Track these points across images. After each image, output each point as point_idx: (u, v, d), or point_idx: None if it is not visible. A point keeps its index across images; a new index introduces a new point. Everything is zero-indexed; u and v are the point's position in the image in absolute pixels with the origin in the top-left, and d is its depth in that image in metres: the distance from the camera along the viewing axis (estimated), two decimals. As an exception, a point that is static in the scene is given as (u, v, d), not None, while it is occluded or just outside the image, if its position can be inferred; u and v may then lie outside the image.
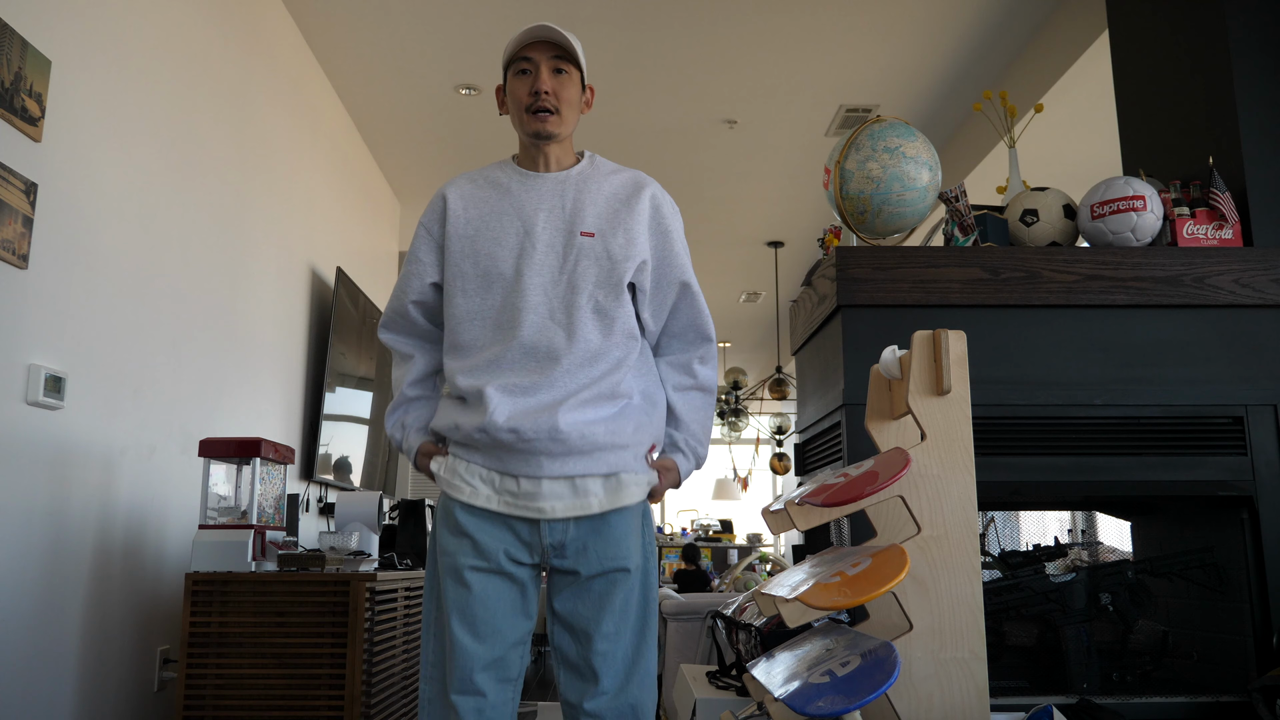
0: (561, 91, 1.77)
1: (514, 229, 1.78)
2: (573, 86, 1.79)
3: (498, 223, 1.79)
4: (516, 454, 1.70)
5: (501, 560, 1.70)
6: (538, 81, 1.76)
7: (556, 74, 1.77)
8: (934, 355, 1.65)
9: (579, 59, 1.80)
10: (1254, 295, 2.36)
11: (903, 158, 2.37)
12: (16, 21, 2.34)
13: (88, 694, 2.63)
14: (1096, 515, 3.75)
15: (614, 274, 1.76)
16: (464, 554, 1.71)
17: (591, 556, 1.71)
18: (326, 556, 2.77)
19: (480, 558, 1.70)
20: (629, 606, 1.72)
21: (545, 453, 1.68)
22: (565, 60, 1.78)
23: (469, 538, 1.71)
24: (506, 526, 1.71)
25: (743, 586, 5.01)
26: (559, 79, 1.77)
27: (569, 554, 1.71)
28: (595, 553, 1.71)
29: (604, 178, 1.82)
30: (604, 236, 1.76)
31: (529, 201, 1.79)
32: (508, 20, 4.22)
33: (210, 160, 3.43)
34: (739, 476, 11.24)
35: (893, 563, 1.41)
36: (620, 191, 1.81)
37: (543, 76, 1.76)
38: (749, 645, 2.32)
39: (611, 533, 1.72)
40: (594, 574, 1.70)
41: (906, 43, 4.41)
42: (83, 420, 2.62)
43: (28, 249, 2.37)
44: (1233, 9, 2.62)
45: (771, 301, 8.77)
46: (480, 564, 1.70)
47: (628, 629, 1.71)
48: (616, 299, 1.76)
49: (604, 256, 1.76)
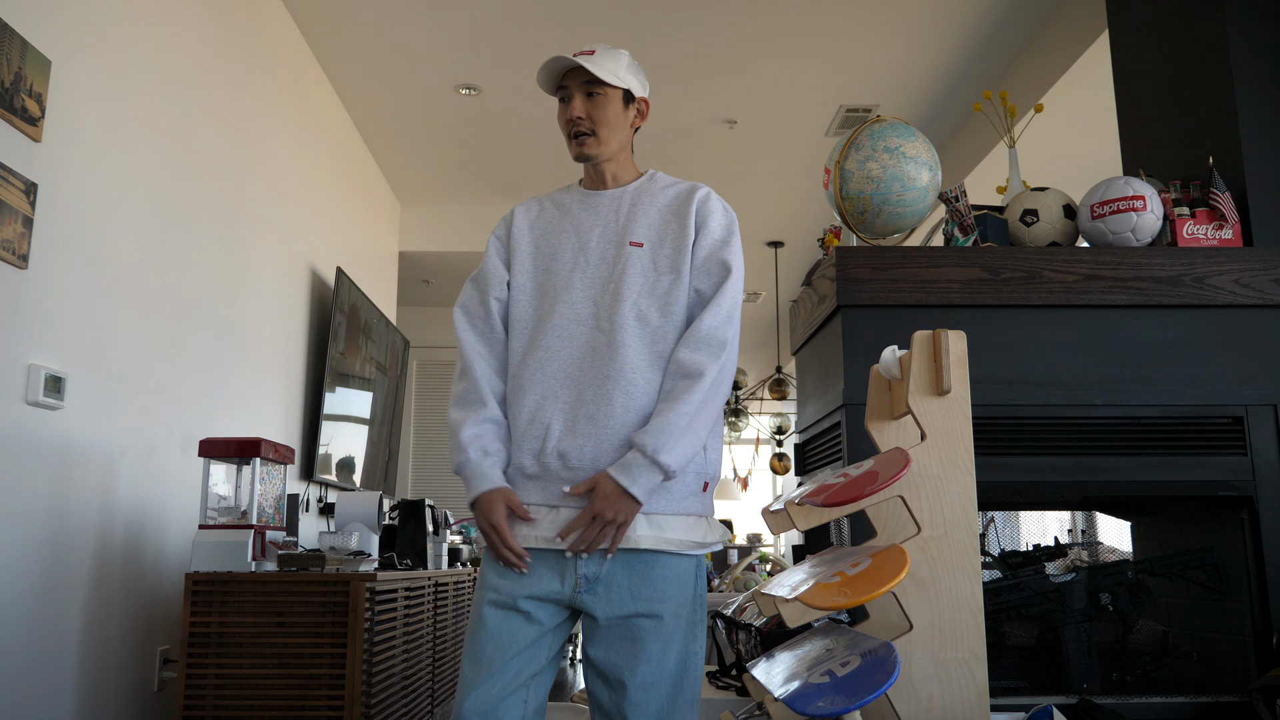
0: (596, 113, 1.80)
1: (570, 245, 1.81)
2: (609, 106, 1.80)
3: (556, 239, 1.83)
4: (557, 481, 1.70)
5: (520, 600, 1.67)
6: (571, 109, 1.80)
7: (589, 97, 1.80)
8: (934, 355, 1.65)
9: (612, 79, 1.79)
10: (1254, 295, 2.36)
11: (903, 158, 2.37)
12: (16, 21, 2.34)
13: (88, 694, 2.63)
14: (1096, 515, 3.75)
15: (659, 284, 1.75)
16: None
17: (624, 596, 1.66)
18: (326, 556, 2.77)
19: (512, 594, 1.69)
20: (666, 657, 1.66)
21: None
22: (597, 83, 1.79)
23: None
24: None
25: (743, 586, 5.01)
26: (592, 102, 1.80)
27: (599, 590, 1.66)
28: (630, 592, 1.66)
29: (659, 191, 1.84)
30: (653, 247, 1.78)
31: (586, 219, 1.83)
32: (508, 20, 4.22)
33: (210, 160, 3.43)
34: (739, 476, 11.24)
35: (893, 563, 1.41)
36: (673, 202, 1.82)
37: (575, 104, 1.80)
38: (749, 645, 2.32)
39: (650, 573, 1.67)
40: (626, 615, 1.65)
41: (906, 43, 4.42)
42: (83, 420, 2.62)
43: (28, 249, 2.37)
44: (1233, 9, 2.62)
45: (771, 301, 8.77)
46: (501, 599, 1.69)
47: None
48: (662, 311, 1.74)
49: (650, 268, 1.76)
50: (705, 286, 1.76)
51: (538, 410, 1.72)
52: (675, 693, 1.66)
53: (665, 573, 1.67)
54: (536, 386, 1.73)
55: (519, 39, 4.36)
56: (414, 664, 3.29)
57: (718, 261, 1.76)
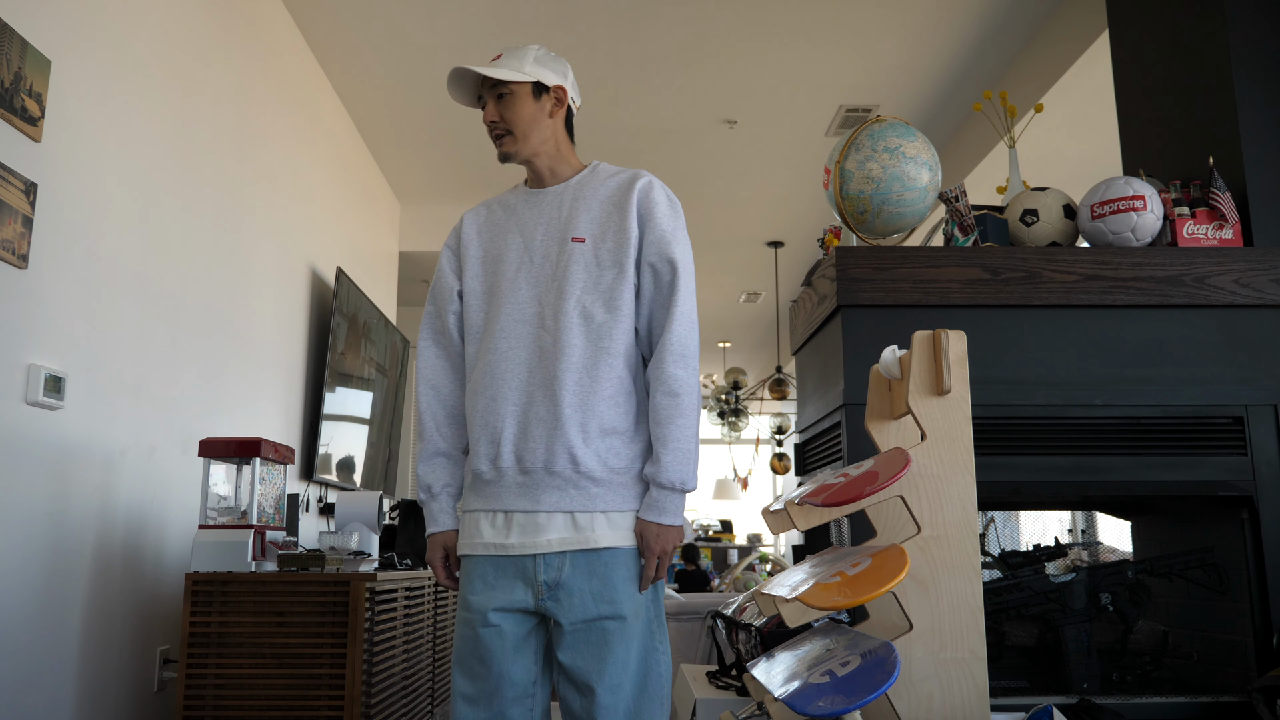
0: (507, 114, 1.81)
1: (516, 245, 1.82)
2: (519, 104, 1.81)
3: (502, 241, 1.84)
4: (511, 489, 1.73)
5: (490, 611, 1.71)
6: (486, 114, 1.83)
7: (500, 99, 1.82)
8: (934, 355, 1.65)
9: (515, 77, 1.80)
10: (1254, 295, 2.36)
11: (903, 158, 2.37)
12: (16, 21, 2.34)
13: (88, 694, 2.63)
14: (1096, 515, 3.75)
15: (602, 279, 1.75)
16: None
17: (583, 600, 1.67)
18: (326, 556, 2.77)
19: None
20: (629, 657, 1.67)
21: (543, 485, 1.69)
22: (503, 84, 1.81)
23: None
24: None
25: (743, 586, 5.01)
26: (503, 103, 1.81)
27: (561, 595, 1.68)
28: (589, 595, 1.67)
29: (601, 183, 1.83)
30: (595, 242, 1.77)
31: (530, 217, 1.84)
32: (508, 20, 4.22)
33: (210, 160, 3.43)
34: (739, 476, 11.24)
35: (893, 563, 1.41)
36: (615, 194, 1.81)
37: (489, 108, 1.83)
38: (749, 645, 2.32)
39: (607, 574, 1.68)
40: (590, 619, 1.66)
41: (906, 43, 4.41)
42: (83, 420, 2.62)
43: (28, 249, 2.37)
44: (1233, 9, 2.62)
45: (771, 301, 8.77)
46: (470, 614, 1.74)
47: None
48: (607, 307, 1.74)
49: (593, 263, 1.76)
50: (656, 285, 1.76)
51: (489, 415, 1.73)
52: (642, 692, 1.67)
53: (624, 573, 1.68)
54: (487, 391, 1.75)
55: (519, 39, 4.36)
56: (414, 664, 3.29)
57: (666, 260, 1.75)
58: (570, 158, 1.88)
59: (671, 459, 1.68)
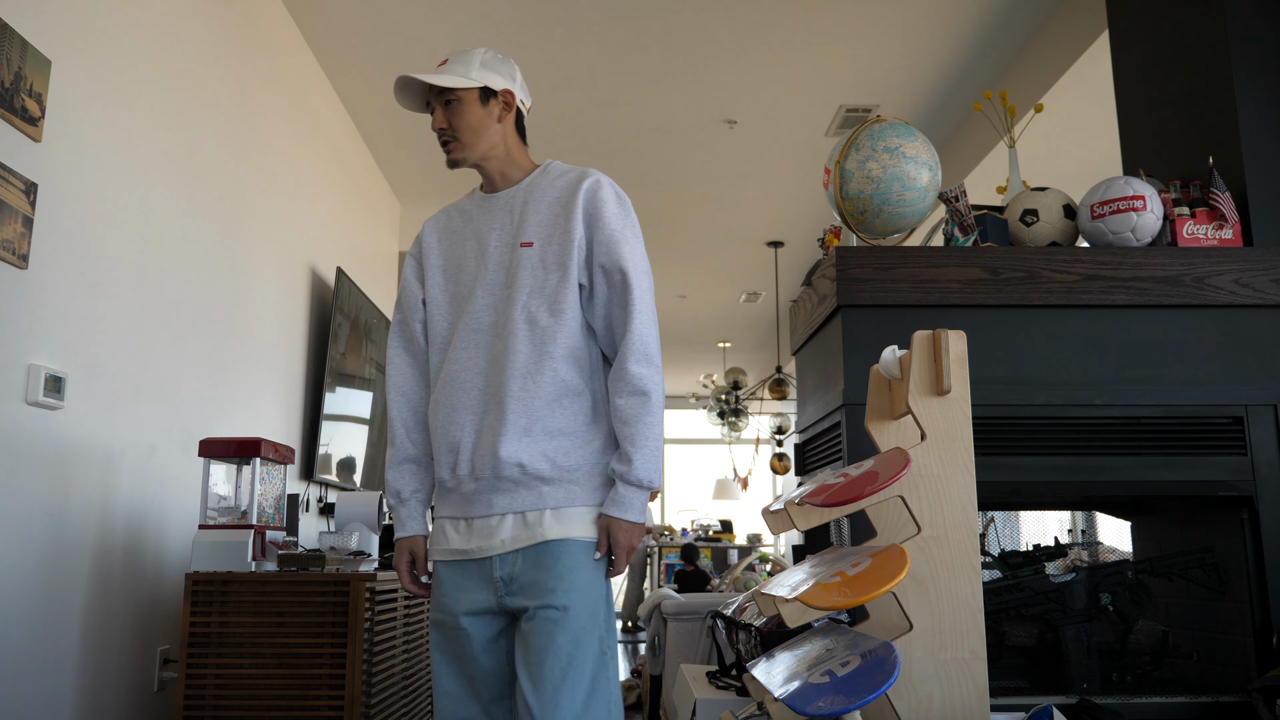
0: (455, 120, 1.80)
1: (473, 252, 1.82)
2: (465, 110, 1.80)
3: (461, 248, 1.84)
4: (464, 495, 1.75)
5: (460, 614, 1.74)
6: (433, 121, 1.83)
7: (447, 106, 1.81)
8: (934, 355, 1.65)
9: (461, 83, 1.79)
10: (1254, 295, 2.36)
11: (903, 158, 2.37)
12: (16, 21, 2.34)
13: (88, 694, 2.63)
14: (1096, 515, 3.75)
15: (547, 283, 1.74)
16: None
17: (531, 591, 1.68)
18: (326, 556, 2.77)
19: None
20: (574, 653, 1.65)
21: (495, 490, 1.71)
22: (449, 91, 1.80)
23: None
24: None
25: (743, 586, 5.01)
26: (450, 110, 1.81)
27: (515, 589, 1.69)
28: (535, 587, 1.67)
29: (550, 184, 1.82)
30: (541, 246, 1.76)
31: (485, 223, 1.84)
32: (508, 21, 4.22)
33: (210, 160, 3.43)
34: (739, 476, 11.24)
35: (893, 563, 1.41)
36: (562, 195, 1.79)
37: (435, 115, 1.83)
38: (749, 645, 2.32)
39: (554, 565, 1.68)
40: (536, 608, 1.66)
41: (906, 43, 4.42)
42: (83, 420, 2.62)
43: (28, 249, 2.37)
44: (1233, 9, 2.62)
45: (771, 301, 8.77)
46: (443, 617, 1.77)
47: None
48: (551, 311, 1.72)
49: (539, 267, 1.75)
50: (609, 286, 1.74)
51: (448, 425, 1.75)
52: (591, 687, 1.64)
53: (571, 563, 1.68)
54: (447, 402, 1.76)
55: (519, 39, 4.36)
56: (414, 664, 3.29)
57: (616, 261, 1.74)
58: (521, 160, 1.88)
59: (641, 458, 1.68)
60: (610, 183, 1.80)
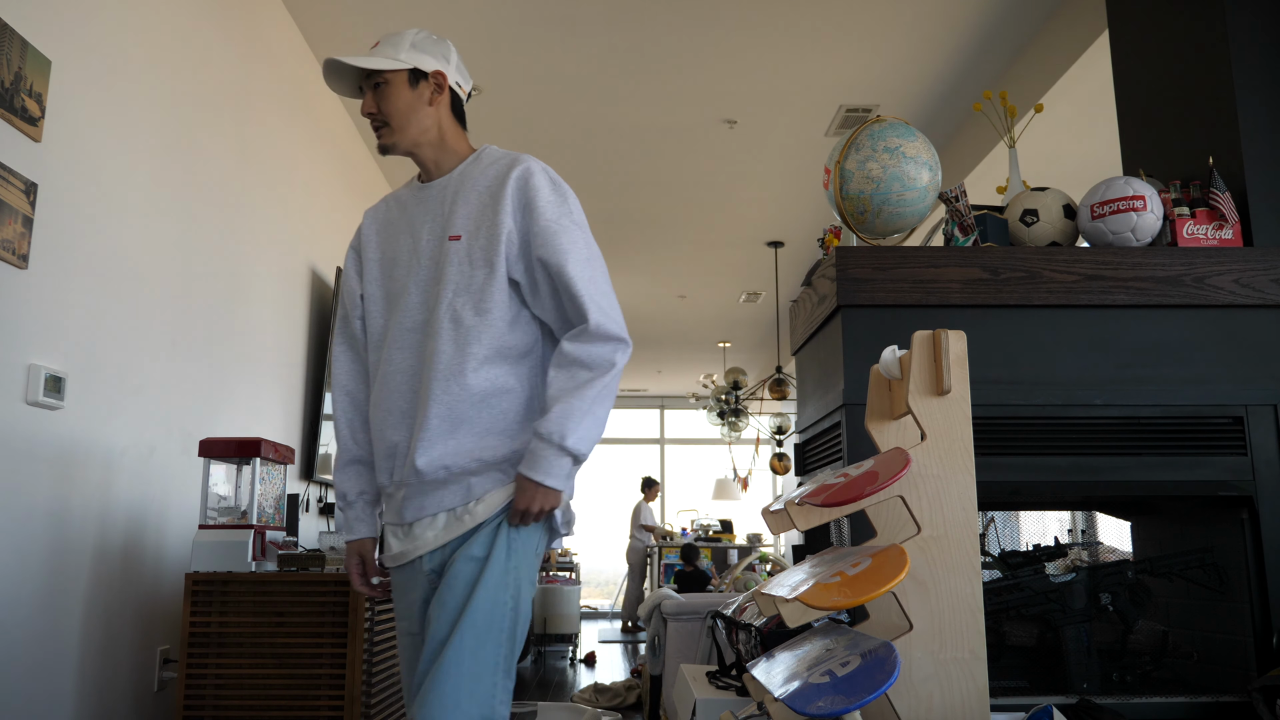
0: (383, 105, 1.74)
1: (406, 246, 1.75)
2: (394, 94, 1.73)
3: (396, 241, 1.77)
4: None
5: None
6: (364, 105, 1.76)
7: (376, 89, 1.74)
8: (934, 355, 1.65)
9: (388, 65, 1.72)
10: (1254, 295, 2.36)
11: (903, 158, 2.37)
12: (16, 21, 2.34)
13: (88, 694, 2.63)
14: (1096, 515, 3.75)
15: (473, 280, 1.66)
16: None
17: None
18: (326, 556, 2.77)
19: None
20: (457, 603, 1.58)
21: (426, 492, 1.67)
22: (378, 74, 1.74)
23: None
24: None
25: (743, 586, 5.01)
26: (379, 93, 1.74)
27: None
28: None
29: (481, 173, 1.73)
30: (469, 239, 1.68)
31: (419, 215, 1.76)
32: (508, 20, 4.22)
33: (210, 159, 3.43)
34: (739, 476, 11.24)
35: (893, 563, 1.41)
36: (491, 185, 1.70)
37: (366, 100, 1.76)
38: (749, 645, 2.32)
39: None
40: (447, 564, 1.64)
41: (906, 43, 4.42)
42: (83, 420, 2.62)
43: (28, 249, 2.37)
44: (1233, 9, 2.62)
45: (771, 301, 8.77)
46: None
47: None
48: (476, 309, 1.65)
49: (465, 262, 1.67)
50: (550, 282, 1.66)
51: (383, 428, 1.71)
52: (479, 637, 1.54)
53: (490, 528, 1.63)
54: (382, 405, 1.71)
55: (519, 39, 4.37)
56: (414, 664, 3.30)
57: (554, 259, 1.64)
58: (457, 146, 1.78)
59: (559, 412, 1.58)
60: (543, 168, 1.71)
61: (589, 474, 13.19)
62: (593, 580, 13.01)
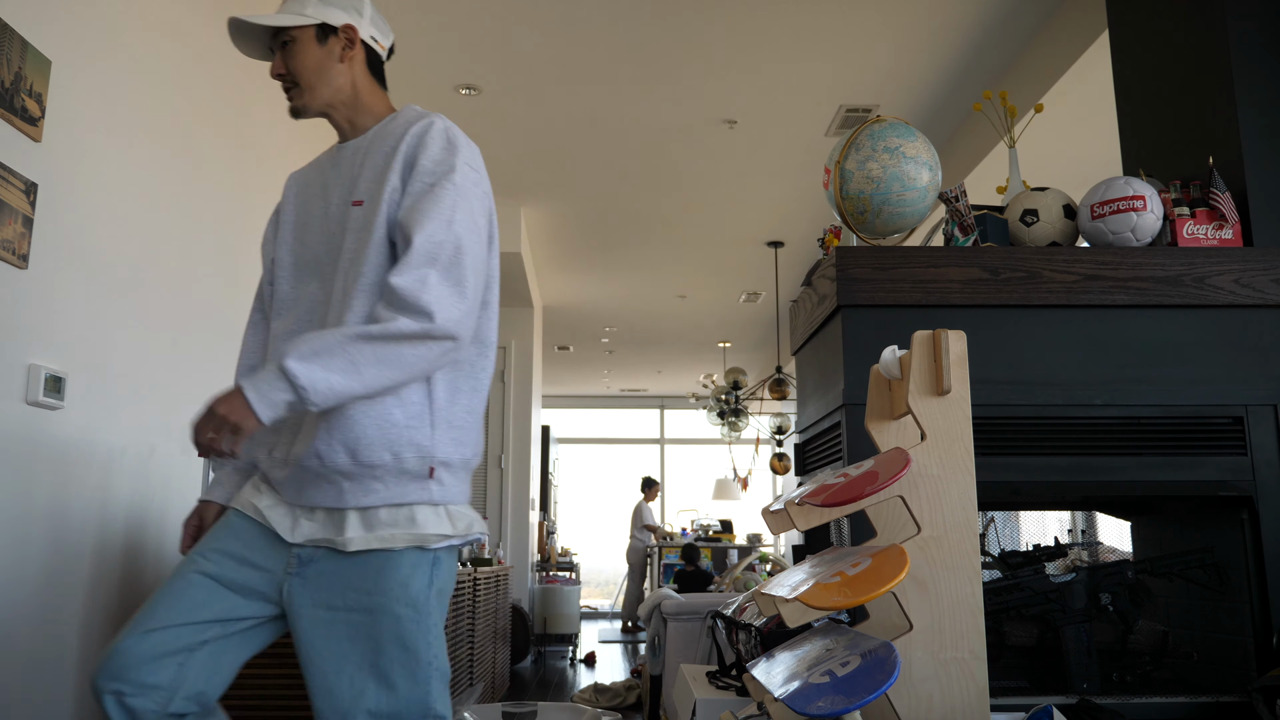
0: (291, 63, 1.63)
1: (319, 212, 1.64)
2: (302, 52, 1.62)
3: (310, 207, 1.66)
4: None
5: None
6: (272, 67, 1.65)
7: (284, 48, 1.63)
8: (934, 355, 1.65)
9: (294, 21, 1.60)
10: (1254, 295, 2.36)
11: (903, 158, 2.37)
12: (16, 21, 2.34)
13: (88, 694, 2.64)
14: (1096, 515, 3.75)
15: (360, 248, 1.52)
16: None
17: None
18: (326, 556, 2.77)
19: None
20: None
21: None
22: (283, 32, 1.63)
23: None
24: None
25: (743, 586, 5.01)
26: (287, 51, 1.63)
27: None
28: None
29: (389, 134, 1.60)
30: (369, 204, 1.55)
31: (333, 179, 1.65)
32: (508, 20, 4.22)
33: (211, 159, 3.43)
34: (739, 476, 11.24)
35: (893, 563, 1.41)
36: (393, 146, 1.57)
37: (275, 60, 1.65)
38: (749, 645, 2.32)
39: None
40: (336, 607, 1.54)
41: (906, 43, 4.42)
42: (83, 420, 2.62)
43: (28, 249, 2.37)
44: (1233, 9, 2.62)
45: (771, 301, 8.77)
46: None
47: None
48: (353, 279, 1.51)
49: (363, 229, 1.54)
50: (401, 246, 1.50)
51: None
52: (398, 706, 1.47)
53: (382, 564, 1.49)
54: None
55: (519, 39, 4.37)
56: (414, 664, 3.29)
57: (405, 225, 1.47)
58: (374, 106, 1.67)
59: (311, 337, 1.41)
60: (447, 127, 1.55)
61: (589, 474, 13.20)
62: (593, 580, 13.01)
